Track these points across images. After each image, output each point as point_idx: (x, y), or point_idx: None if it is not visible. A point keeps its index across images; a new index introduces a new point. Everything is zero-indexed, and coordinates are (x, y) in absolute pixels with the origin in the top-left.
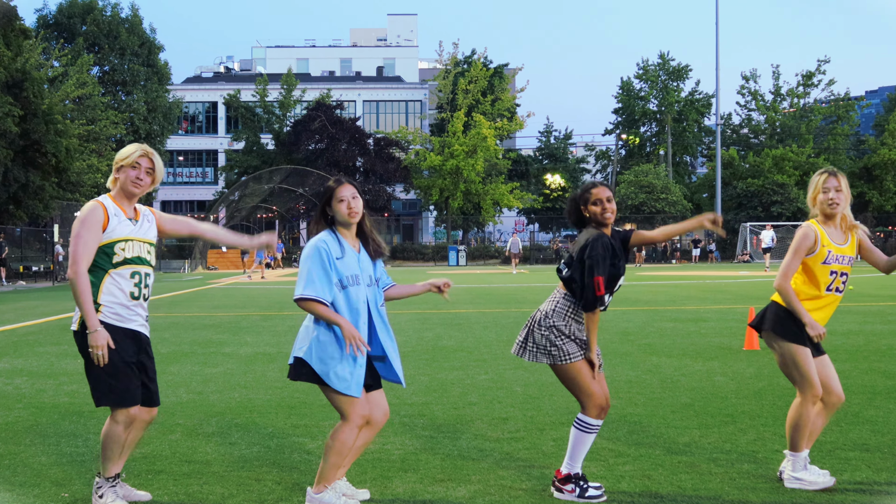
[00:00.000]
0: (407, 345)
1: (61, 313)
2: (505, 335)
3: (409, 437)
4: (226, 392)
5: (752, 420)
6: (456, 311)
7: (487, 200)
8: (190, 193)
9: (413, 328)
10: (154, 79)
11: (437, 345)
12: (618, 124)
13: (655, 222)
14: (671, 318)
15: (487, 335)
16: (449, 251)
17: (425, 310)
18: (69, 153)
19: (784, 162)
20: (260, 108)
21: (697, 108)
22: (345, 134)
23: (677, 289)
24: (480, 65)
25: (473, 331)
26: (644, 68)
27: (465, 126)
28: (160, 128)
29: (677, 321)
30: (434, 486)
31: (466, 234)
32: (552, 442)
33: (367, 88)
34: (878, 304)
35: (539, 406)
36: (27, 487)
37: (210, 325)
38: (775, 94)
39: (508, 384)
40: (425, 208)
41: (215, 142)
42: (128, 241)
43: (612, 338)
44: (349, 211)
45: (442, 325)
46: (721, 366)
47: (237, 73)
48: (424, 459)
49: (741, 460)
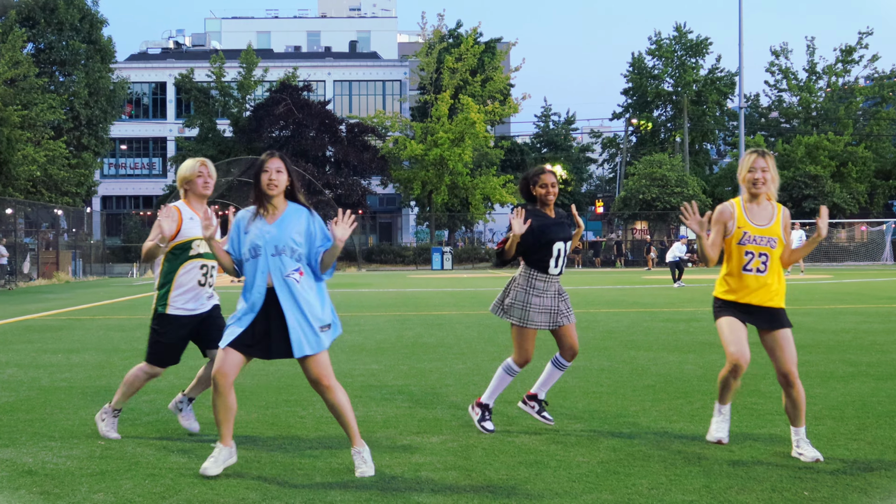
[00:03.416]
0: (386, 342)
1: (14, 316)
2: (487, 334)
3: (390, 406)
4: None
5: (703, 396)
6: (437, 312)
7: (477, 195)
8: (134, 187)
9: (392, 327)
10: (96, 57)
11: (417, 342)
12: (627, 107)
13: (669, 220)
14: (664, 318)
15: (469, 333)
16: (432, 253)
17: (405, 311)
18: (10, 144)
19: (818, 151)
20: (215, 90)
21: (719, 89)
22: (313, 119)
23: (681, 291)
24: (471, 40)
25: (454, 330)
26: (657, 43)
27: (451, 110)
28: (103, 113)
29: (669, 321)
30: (411, 436)
31: (452, 233)
32: (517, 411)
33: (338, 66)
34: (887, 306)
35: (511, 386)
36: (64, 440)
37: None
38: (810, 71)
39: (484, 371)
40: (405, 204)
41: (164, 128)
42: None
43: (596, 335)
44: (268, 182)
45: (423, 325)
46: (696, 357)
47: (189, 49)
48: (403, 420)
49: (679, 420)
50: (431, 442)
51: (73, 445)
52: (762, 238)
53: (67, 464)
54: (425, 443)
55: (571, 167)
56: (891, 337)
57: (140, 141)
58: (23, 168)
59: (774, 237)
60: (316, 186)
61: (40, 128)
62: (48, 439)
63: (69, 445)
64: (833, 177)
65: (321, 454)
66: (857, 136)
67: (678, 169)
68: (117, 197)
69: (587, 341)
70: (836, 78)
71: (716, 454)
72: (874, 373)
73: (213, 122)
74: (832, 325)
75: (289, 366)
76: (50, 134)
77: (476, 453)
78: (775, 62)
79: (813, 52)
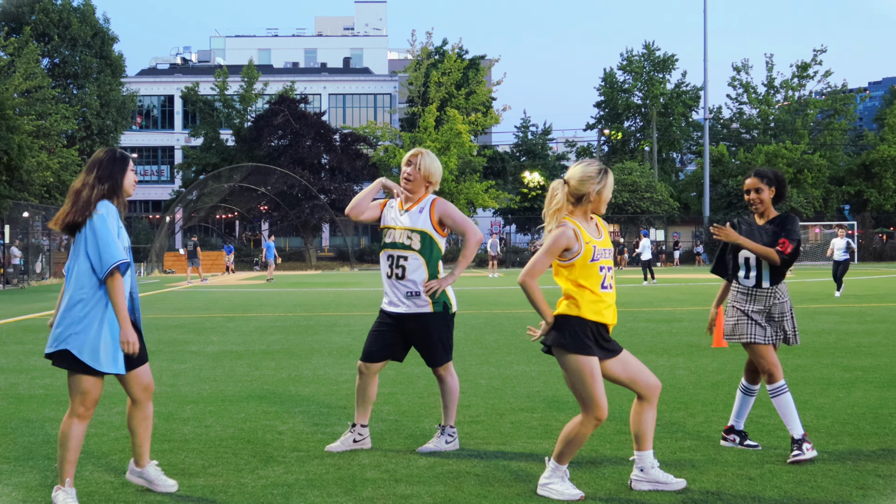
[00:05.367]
0: None
1: (16, 316)
2: (473, 335)
3: (374, 419)
4: (197, 384)
5: (704, 406)
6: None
7: (461, 200)
8: (145, 193)
9: None
10: (107, 71)
11: None
12: (600, 118)
13: (640, 223)
14: (645, 318)
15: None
16: None
17: None
18: (21, 150)
19: (777, 159)
20: (219, 102)
21: (685, 102)
22: (309, 129)
23: (656, 291)
24: (455, 56)
25: None
26: (628, 59)
27: (437, 121)
28: (114, 123)
29: (651, 321)
30: (396, 457)
31: None
32: (510, 425)
33: (333, 81)
34: (858, 306)
35: (501, 395)
36: (19, 461)
37: (174, 326)
38: (768, 86)
39: (473, 377)
40: None
41: (172, 138)
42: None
43: None
44: (134, 183)
45: None
46: (686, 361)
47: (195, 64)
48: (389, 436)
49: (685, 437)
50: (419, 467)
51: (25, 470)
52: (605, 251)
53: (13, 494)
54: (412, 468)
55: (548, 174)
56: (874, 339)
57: (149, 150)
58: (37, 174)
59: (611, 248)
60: (312, 192)
61: (54, 137)
62: (2, 461)
63: (21, 470)
64: (790, 183)
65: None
66: (813, 145)
67: (647, 175)
68: (129, 201)
69: None
70: (793, 92)
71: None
72: (872, 379)
73: (217, 132)
74: (811, 326)
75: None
76: (63, 143)
77: (469, 483)
78: (737, 77)
79: (771, 68)
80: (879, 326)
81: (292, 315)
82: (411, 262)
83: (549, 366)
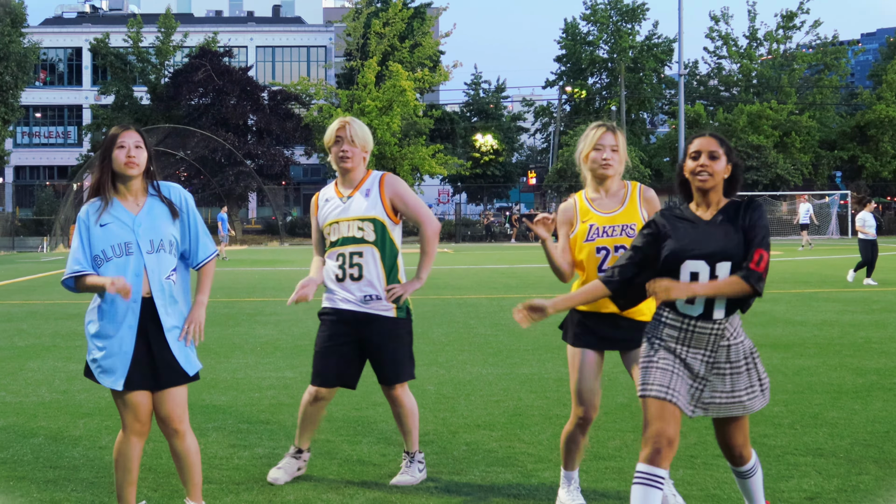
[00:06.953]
0: (307, 337)
1: None
2: (418, 327)
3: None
4: (94, 391)
5: (694, 422)
6: None
7: (405, 166)
8: (49, 157)
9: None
10: (6, 20)
11: None
12: (561, 74)
13: None
14: None
15: None
16: None
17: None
18: None
19: (761, 120)
20: (133, 56)
21: (656, 56)
22: (234, 86)
23: None
24: (399, 4)
25: None
26: (592, 8)
27: (378, 77)
28: (13, 79)
29: None
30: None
31: None
32: (464, 447)
33: (260, 31)
34: (861, 291)
35: (453, 407)
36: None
37: (74, 315)
38: (751, 38)
39: (419, 382)
40: (330, 175)
41: (79, 95)
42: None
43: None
44: (127, 160)
45: None
46: None
47: (105, 13)
48: (319, 465)
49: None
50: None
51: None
52: (613, 227)
53: None
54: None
55: (502, 137)
56: (884, 332)
57: (54, 109)
58: None
59: (631, 223)
60: (237, 157)
61: None
62: None
63: None
64: (776, 147)
65: None
66: (801, 105)
67: None
68: (31, 167)
69: (535, 339)
70: (778, 44)
71: None
72: (890, 385)
73: (130, 89)
74: (811, 316)
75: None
76: None
77: None
78: (715, 28)
79: (754, 18)
80: (889, 317)
81: (210, 301)
82: (367, 258)
83: (508, 367)
